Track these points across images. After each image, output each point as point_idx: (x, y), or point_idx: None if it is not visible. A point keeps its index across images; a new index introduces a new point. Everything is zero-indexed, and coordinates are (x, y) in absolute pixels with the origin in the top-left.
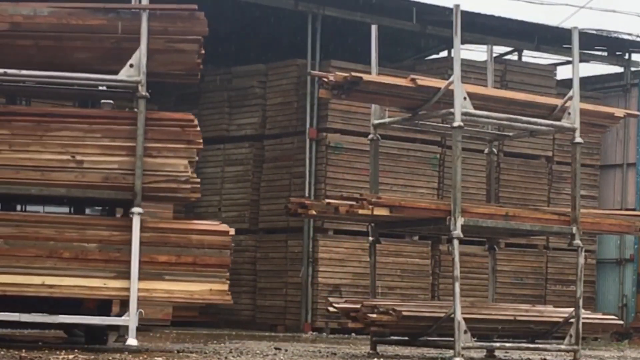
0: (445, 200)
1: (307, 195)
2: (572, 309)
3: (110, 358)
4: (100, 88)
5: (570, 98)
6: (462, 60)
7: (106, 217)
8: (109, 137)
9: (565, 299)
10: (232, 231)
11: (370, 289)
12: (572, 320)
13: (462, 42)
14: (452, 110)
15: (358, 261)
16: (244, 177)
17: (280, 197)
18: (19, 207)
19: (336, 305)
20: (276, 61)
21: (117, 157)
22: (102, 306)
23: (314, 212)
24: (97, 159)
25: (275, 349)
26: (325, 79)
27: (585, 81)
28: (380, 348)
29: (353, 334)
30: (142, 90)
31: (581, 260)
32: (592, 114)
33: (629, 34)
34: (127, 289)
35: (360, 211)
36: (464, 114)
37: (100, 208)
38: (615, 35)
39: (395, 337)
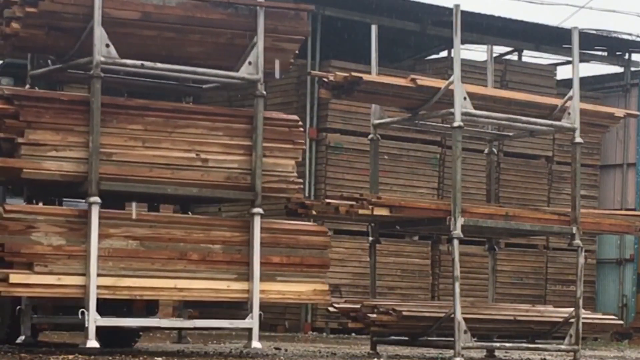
0: (445, 200)
1: (307, 195)
2: (572, 309)
3: (110, 358)
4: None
5: (570, 98)
6: (462, 60)
7: (228, 218)
8: (229, 136)
9: (565, 299)
10: (329, 232)
11: (370, 289)
12: (572, 320)
13: (462, 42)
14: (452, 110)
15: (358, 261)
16: None
17: None
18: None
19: (336, 305)
20: None
21: (236, 156)
22: (149, 307)
23: (314, 212)
24: (219, 157)
25: (276, 349)
26: (325, 79)
27: (585, 81)
28: (380, 348)
29: (353, 334)
30: (261, 89)
31: (581, 260)
32: (592, 114)
33: (629, 34)
34: (247, 291)
35: (360, 211)
36: (464, 114)
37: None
38: (615, 35)
39: (395, 337)
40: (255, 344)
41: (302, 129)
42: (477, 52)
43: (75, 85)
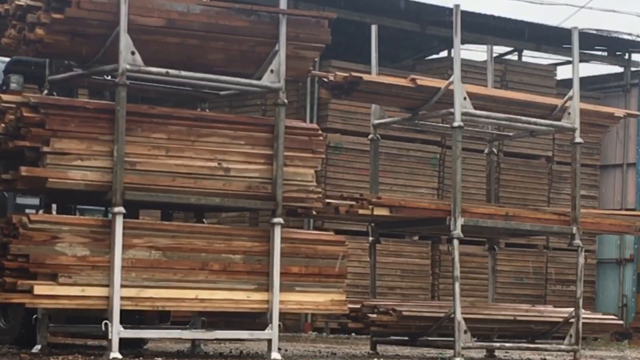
0: (445, 200)
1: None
2: (572, 309)
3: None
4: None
5: (570, 98)
6: (462, 60)
7: (249, 227)
8: (250, 145)
9: (565, 299)
10: (347, 241)
11: (370, 289)
12: (572, 320)
13: (462, 42)
14: (452, 110)
15: (358, 261)
16: None
17: None
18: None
19: None
20: None
21: (257, 165)
22: (161, 315)
23: (314, 212)
24: (241, 166)
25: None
26: (325, 79)
27: (585, 81)
28: (380, 348)
29: (353, 334)
30: (283, 97)
31: (581, 260)
32: (592, 114)
33: (629, 34)
34: (266, 301)
35: (360, 211)
36: (464, 114)
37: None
38: (615, 35)
39: (395, 337)
40: (275, 354)
41: (321, 138)
42: (477, 52)
43: (80, 92)
